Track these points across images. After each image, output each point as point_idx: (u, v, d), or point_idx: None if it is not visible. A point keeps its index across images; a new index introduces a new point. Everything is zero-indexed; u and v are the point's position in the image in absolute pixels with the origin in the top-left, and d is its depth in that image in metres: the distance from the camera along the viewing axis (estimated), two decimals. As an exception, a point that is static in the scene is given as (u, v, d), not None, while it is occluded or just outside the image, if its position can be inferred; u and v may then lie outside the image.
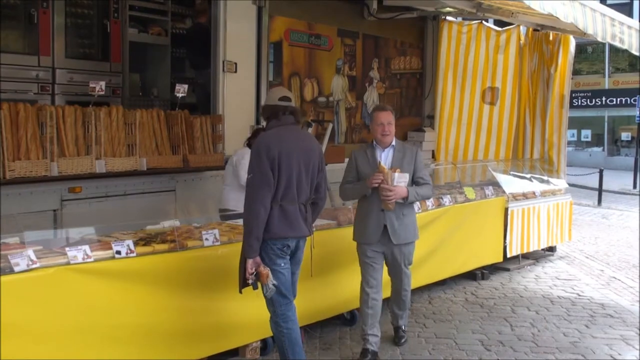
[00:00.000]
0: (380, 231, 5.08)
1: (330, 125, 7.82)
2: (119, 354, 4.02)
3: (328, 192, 5.24)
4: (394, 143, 5.15)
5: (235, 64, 7.02)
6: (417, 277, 6.56)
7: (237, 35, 7.04)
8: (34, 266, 3.62)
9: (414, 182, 5.12)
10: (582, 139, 31.53)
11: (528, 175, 9.17)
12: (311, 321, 5.45)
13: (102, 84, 5.75)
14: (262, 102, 4.57)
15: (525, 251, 8.35)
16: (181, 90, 6.32)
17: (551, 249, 9.26)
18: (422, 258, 6.52)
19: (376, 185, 4.93)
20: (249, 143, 5.68)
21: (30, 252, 3.65)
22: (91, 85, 5.73)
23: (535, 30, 9.56)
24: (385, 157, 5.10)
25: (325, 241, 5.27)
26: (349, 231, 5.38)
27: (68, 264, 3.77)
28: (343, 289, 5.61)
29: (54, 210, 5.56)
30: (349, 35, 8.84)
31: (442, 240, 6.90)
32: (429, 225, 6.65)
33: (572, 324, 6.24)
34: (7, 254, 3.57)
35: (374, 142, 5.18)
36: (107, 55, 7.39)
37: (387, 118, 5.10)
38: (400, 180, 4.90)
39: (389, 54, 9.59)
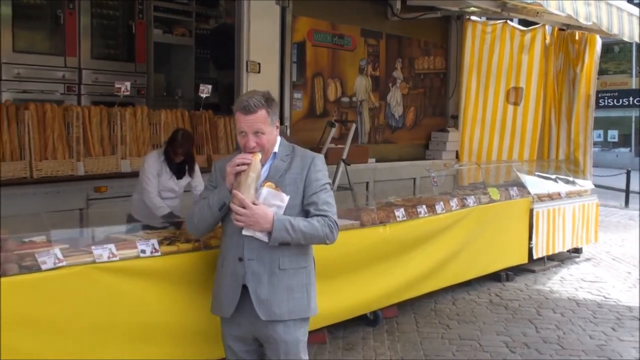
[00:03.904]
0: (237, 296, 3.06)
1: (354, 126, 7.81)
2: (144, 352, 4.04)
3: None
4: (276, 150, 3.09)
5: (259, 64, 7.03)
6: (441, 277, 6.54)
7: (261, 36, 7.05)
8: (60, 264, 3.65)
9: (304, 209, 3.05)
10: (609, 140, 31.13)
11: (553, 176, 9.07)
12: (334, 322, 5.44)
13: (127, 84, 5.82)
14: (284, 103, 4.42)
15: (550, 253, 8.26)
16: (205, 90, 6.36)
17: (577, 251, 9.15)
18: (446, 259, 6.48)
19: (240, 169, 2.91)
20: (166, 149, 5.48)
21: (57, 250, 3.68)
22: (116, 85, 5.80)
23: (560, 29, 9.46)
24: (263, 172, 3.06)
25: (348, 241, 5.24)
26: (371, 231, 5.35)
27: (94, 262, 3.80)
28: (365, 289, 5.58)
29: (80, 209, 5.62)
30: (372, 35, 8.82)
31: (467, 241, 6.85)
32: (453, 226, 6.60)
33: (599, 326, 6.16)
34: (34, 252, 3.61)
35: None
36: (132, 56, 7.48)
37: (254, 125, 2.95)
38: (273, 202, 2.93)
39: (413, 53, 9.56)
